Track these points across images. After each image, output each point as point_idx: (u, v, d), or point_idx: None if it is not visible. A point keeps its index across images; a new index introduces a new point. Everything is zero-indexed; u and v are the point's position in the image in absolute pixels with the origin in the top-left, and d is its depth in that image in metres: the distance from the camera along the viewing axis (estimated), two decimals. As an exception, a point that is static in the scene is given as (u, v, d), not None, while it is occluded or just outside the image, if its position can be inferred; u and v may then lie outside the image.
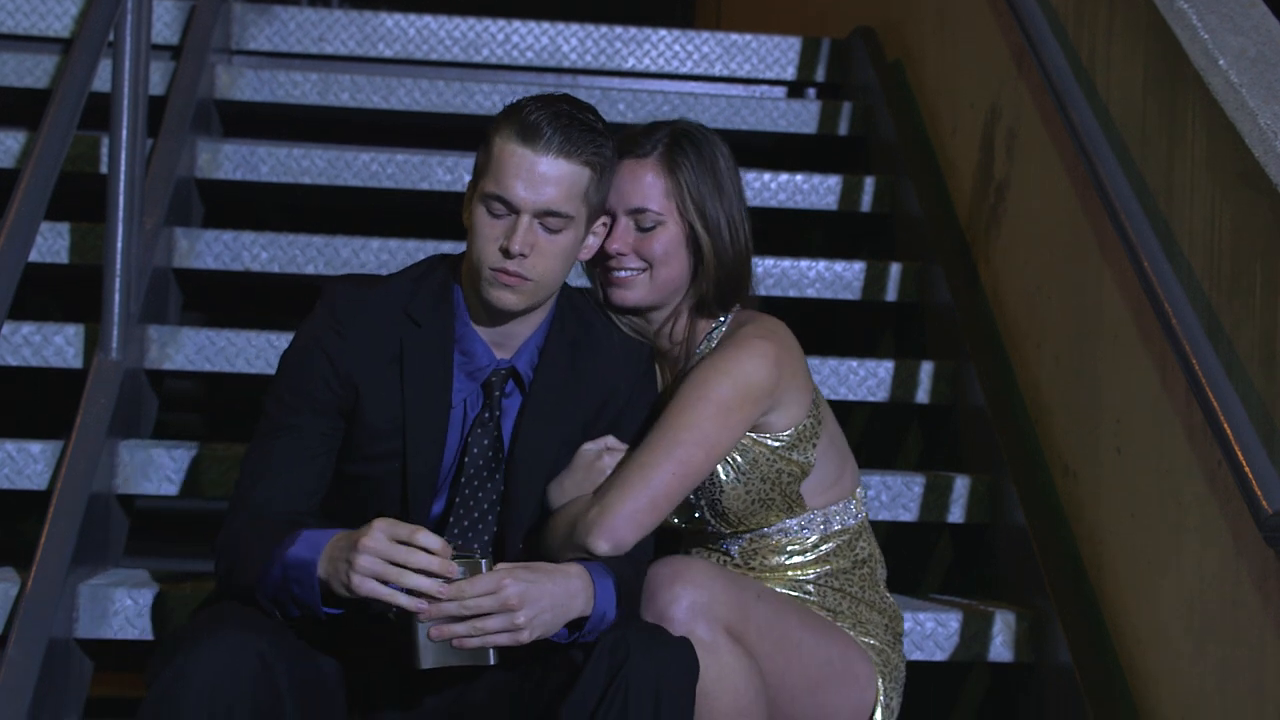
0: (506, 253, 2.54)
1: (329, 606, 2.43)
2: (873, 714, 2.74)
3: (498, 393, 2.64)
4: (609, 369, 2.71)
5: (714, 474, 2.72)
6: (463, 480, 2.63)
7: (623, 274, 2.74)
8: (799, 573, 2.79)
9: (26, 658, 2.82)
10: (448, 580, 2.36)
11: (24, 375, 3.52)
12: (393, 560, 2.35)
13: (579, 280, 2.83)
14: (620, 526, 2.58)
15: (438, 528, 2.63)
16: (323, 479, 2.62)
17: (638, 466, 2.62)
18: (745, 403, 2.67)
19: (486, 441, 2.63)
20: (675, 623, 2.52)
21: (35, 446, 3.20)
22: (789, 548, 2.79)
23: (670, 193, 2.73)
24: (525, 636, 2.39)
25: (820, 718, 2.71)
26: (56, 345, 3.44)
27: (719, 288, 2.76)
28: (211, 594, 2.69)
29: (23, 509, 3.57)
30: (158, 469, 3.27)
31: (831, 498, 2.82)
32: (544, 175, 2.54)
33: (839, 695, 2.71)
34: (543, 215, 2.55)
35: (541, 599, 2.40)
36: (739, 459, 2.72)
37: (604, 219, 2.69)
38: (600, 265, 2.76)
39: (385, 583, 2.36)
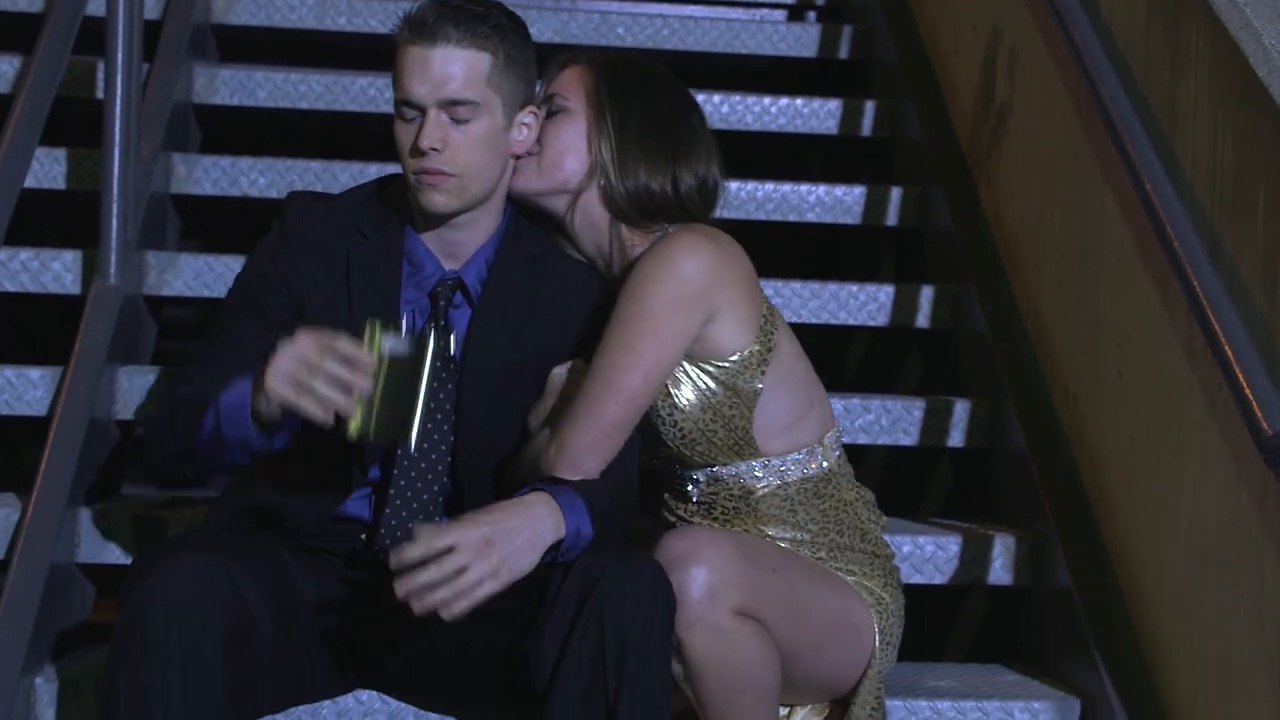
0: (419, 150, 2.54)
1: (262, 440, 2.42)
2: (872, 652, 2.74)
3: (443, 302, 2.64)
4: (564, 289, 2.69)
5: (655, 402, 2.67)
6: None
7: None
8: (767, 527, 2.72)
9: (28, 584, 2.83)
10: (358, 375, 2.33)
11: (22, 301, 3.51)
12: (308, 362, 2.33)
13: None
14: (581, 459, 2.57)
15: (392, 447, 2.61)
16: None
17: (583, 399, 2.59)
18: (680, 308, 2.60)
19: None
20: (691, 604, 2.48)
21: (34, 372, 3.20)
22: (744, 494, 2.73)
23: (584, 84, 2.72)
24: (505, 575, 2.39)
25: (826, 673, 2.72)
26: (54, 271, 3.43)
27: (631, 195, 2.70)
28: (208, 517, 2.69)
29: (22, 435, 3.57)
30: (157, 395, 3.27)
31: (789, 444, 2.74)
32: (438, 67, 2.53)
33: (843, 650, 2.71)
34: (446, 106, 2.54)
35: (512, 534, 2.40)
36: (682, 388, 2.67)
37: (532, 109, 2.67)
38: None
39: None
